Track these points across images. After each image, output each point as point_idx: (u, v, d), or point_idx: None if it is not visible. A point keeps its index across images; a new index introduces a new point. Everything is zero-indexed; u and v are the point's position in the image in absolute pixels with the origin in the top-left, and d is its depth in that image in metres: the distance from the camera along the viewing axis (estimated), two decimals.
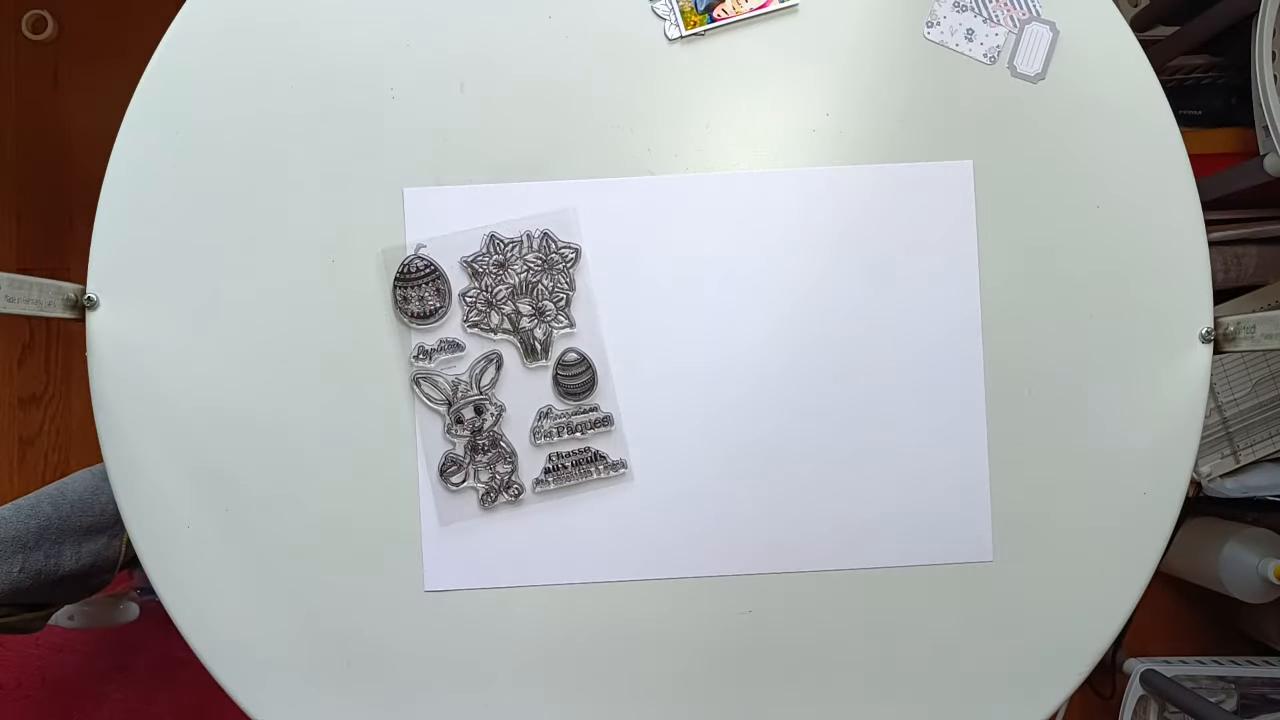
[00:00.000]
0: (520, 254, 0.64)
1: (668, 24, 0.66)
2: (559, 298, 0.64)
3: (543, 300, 0.63)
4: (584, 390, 0.64)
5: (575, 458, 0.64)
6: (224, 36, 0.66)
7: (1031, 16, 0.67)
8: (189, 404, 0.64)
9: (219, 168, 0.65)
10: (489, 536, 0.65)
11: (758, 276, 0.66)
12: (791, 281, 0.66)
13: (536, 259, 0.64)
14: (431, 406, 0.64)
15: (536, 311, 0.63)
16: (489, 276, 0.64)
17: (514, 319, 0.64)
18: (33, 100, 1.41)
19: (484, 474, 0.64)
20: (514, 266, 0.64)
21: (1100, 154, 0.66)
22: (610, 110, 0.66)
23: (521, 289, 0.64)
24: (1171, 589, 1.44)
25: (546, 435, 0.64)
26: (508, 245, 0.64)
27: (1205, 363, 0.66)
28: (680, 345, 0.65)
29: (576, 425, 0.64)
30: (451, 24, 0.66)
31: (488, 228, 0.64)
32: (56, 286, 0.64)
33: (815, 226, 0.66)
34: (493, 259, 0.63)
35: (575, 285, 0.64)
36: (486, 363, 0.64)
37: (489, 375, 0.64)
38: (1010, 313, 0.66)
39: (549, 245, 0.64)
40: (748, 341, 0.65)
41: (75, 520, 0.84)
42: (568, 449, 0.64)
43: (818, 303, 0.66)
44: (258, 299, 0.65)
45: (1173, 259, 0.66)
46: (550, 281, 0.64)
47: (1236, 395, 1.23)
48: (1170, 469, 0.66)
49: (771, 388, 0.65)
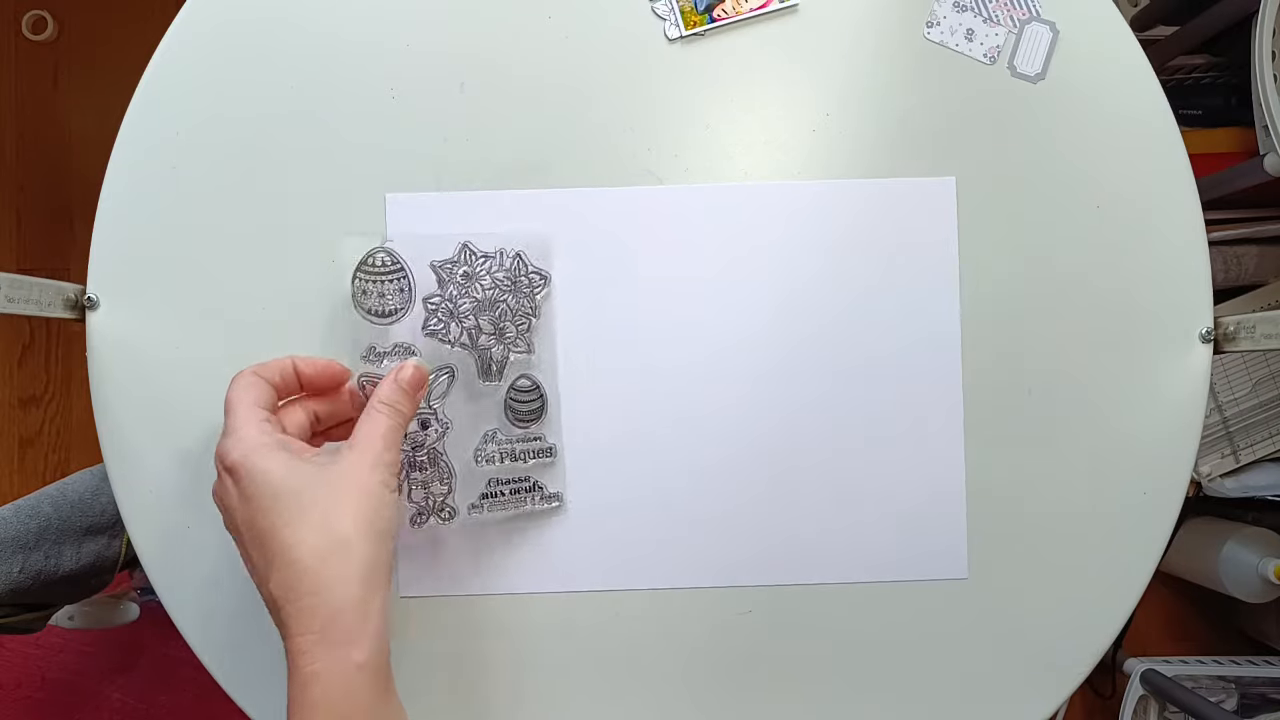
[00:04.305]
0: (489, 270, 0.62)
1: (668, 24, 0.66)
2: (521, 322, 0.62)
3: (504, 320, 0.62)
4: (532, 417, 0.63)
5: (513, 485, 0.63)
6: (224, 37, 0.66)
7: (1031, 16, 0.67)
8: (189, 404, 0.64)
9: (219, 168, 0.65)
10: (459, 545, 0.65)
11: (741, 288, 0.66)
12: (772, 293, 0.66)
13: (505, 278, 0.62)
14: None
15: (497, 330, 0.62)
16: (454, 286, 0.62)
17: (473, 334, 0.61)
18: (33, 100, 1.41)
19: (418, 492, 0.61)
20: (481, 281, 0.62)
21: (1100, 154, 0.66)
22: (610, 110, 0.66)
23: (485, 305, 0.62)
24: (1171, 589, 1.44)
25: (489, 459, 0.62)
26: (479, 259, 0.62)
27: (1205, 362, 0.66)
28: (648, 354, 0.65)
29: (519, 453, 0.63)
30: (451, 24, 0.66)
31: (464, 236, 0.62)
32: (56, 286, 0.64)
33: (796, 239, 0.66)
34: (461, 269, 0.61)
35: (539, 312, 0.63)
36: (441, 375, 0.61)
37: (440, 388, 0.61)
38: (1009, 313, 0.66)
39: (520, 266, 0.63)
40: (720, 353, 0.65)
41: (75, 521, 0.84)
42: (506, 476, 0.63)
43: (799, 316, 0.66)
44: (258, 299, 0.65)
45: (1173, 259, 0.66)
46: (515, 303, 0.62)
47: (1236, 395, 1.24)
48: (1170, 469, 0.66)
49: (747, 400, 0.65)
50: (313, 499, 0.50)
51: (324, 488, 0.50)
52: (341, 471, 0.51)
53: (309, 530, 0.49)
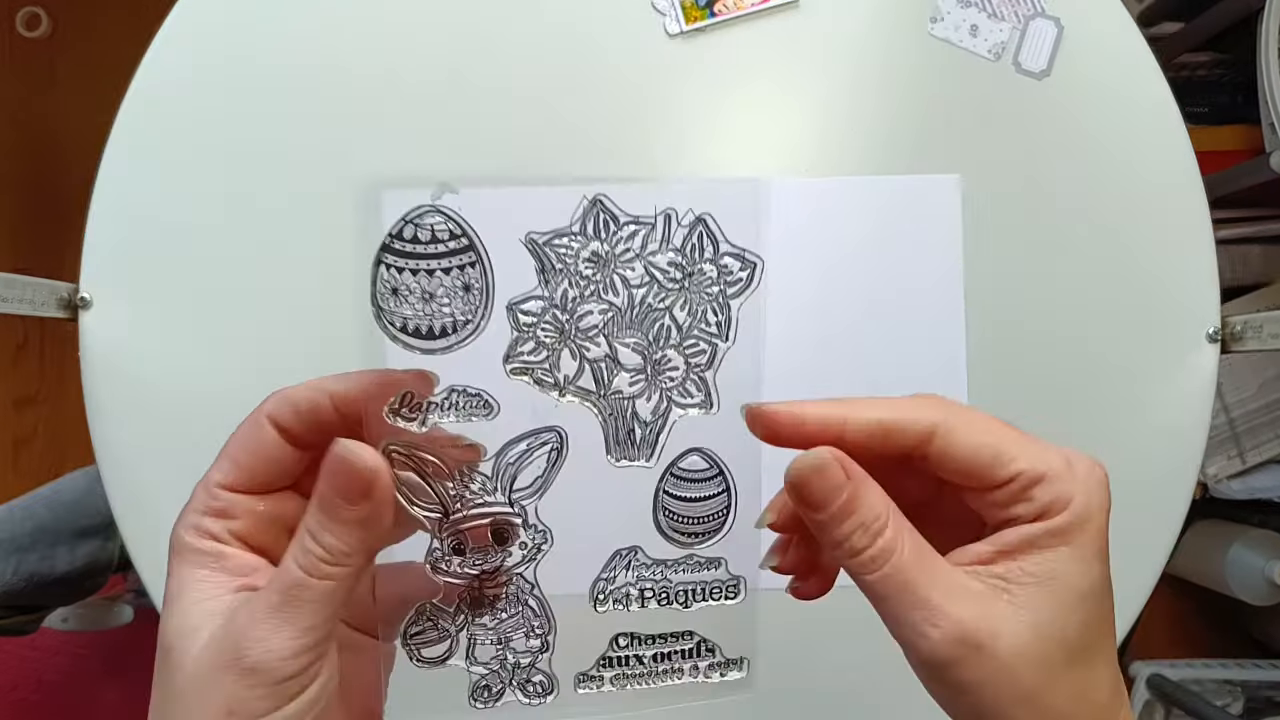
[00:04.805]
0: (645, 249, 0.34)
1: (668, 19, 0.65)
2: (699, 349, 0.34)
3: (665, 345, 0.34)
4: (707, 526, 0.35)
5: (662, 645, 0.36)
6: (219, 34, 0.65)
7: (1036, 12, 0.66)
8: (182, 406, 0.63)
9: (214, 167, 0.64)
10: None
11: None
12: (772, 292, 0.65)
13: (674, 266, 0.34)
14: (416, 511, 0.33)
15: (651, 364, 0.34)
16: (571, 279, 0.33)
17: (604, 370, 0.34)
18: (26, 98, 1.40)
19: (486, 649, 0.35)
20: (625, 270, 0.34)
21: (1105, 151, 0.66)
22: (609, 107, 0.65)
23: (632, 316, 0.34)
24: (1177, 592, 1.43)
25: (620, 599, 0.35)
26: (625, 225, 0.34)
27: (1212, 363, 0.65)
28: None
29: (679, 590, 0.36)
30: (449, 21, 0.65)
31: (598, 188, 0.34)
32: (49, 286, 0.63)
33: (797, 238, 0.65)
34: (587, 247, 0.33)
35: (733, 330, 0.34)
36: (536, 447, 0.34)
37: (533, 470, 0.34)
38: (1013, 312, 0.65)
39: (704, 244, 0.34)
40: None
41: (70, 522, 0.83)
42: (651, 630, 0.36)
43: (800, 315, 0.65)
44: (253, 300, 0.64)
45: (1179, 257, 0.66)
46: (690, 312, 0.34)
47: (1243, 396, 1.23)
48: (1177, 470, 0.65)
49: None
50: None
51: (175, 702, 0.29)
52: (188, 678, 0.29)
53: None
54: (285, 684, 0.28)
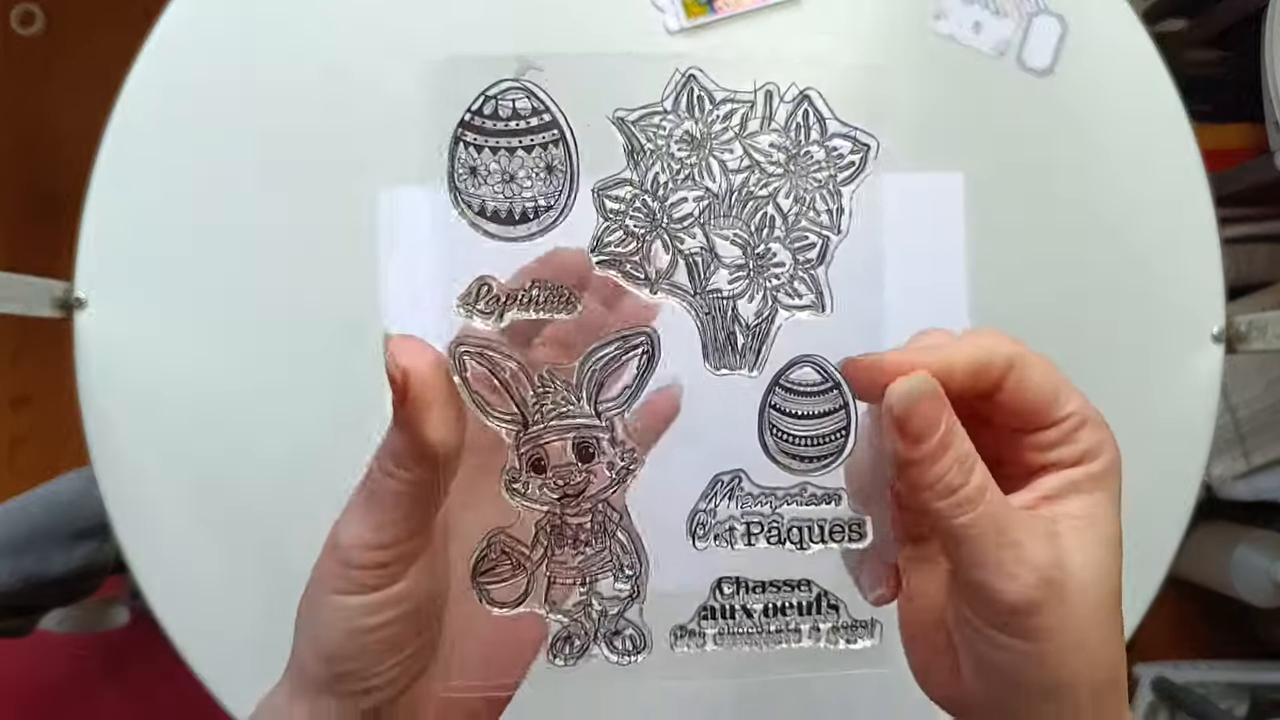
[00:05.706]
0: (745, 129, 0.30)
1: (668, 15, 0.64)
2: (808, 242, 0.31)
3: (772, 237, 0.30)
4: (824, 450, 0.30)
5: (775, 596, 0.30)
6: (215, 32, 0.65)
7: (1039, 9, 0.65)
8: (179, 406, 0.63)
9: (210, 165, 0.64)
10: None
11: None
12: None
13: (779, 147, 0.31)
14: (487, 418, 0.30)
15: (755, 258, 0.30)
16: (664, 160, 0.30)
17: (701, 265, 0.30)
18: (20, 96, 1.40)
19: (563, 591, 0.30)
20: (722, 153, 0.30)
21: (1110, 149, 0.65)
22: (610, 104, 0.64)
23: (732, 201, 0.30)
24: (1182, 594, 1.42)
25: (723, 535, 0.30)
26: (723, 102, 0.31)
27: (1217, 363, 0.65)
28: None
29: (792, 526, 0.30)
30: (446, 17, 0.65)
31: (692, 63, 0.31)
32: (44, 285, 0.63)
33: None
34: (681, 125, 0.30)
35: (846, 222, 0.33)
36: (625, 351, 0.30)
37: (622, 378, 0.30)
38: (1016, 311, 0.64)
39: (811, 124, 0.32)
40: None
41: (66, 524, 0.83)
42: (761, 576, 0.30)
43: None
44: (250, 300, 0.63)
45: (1184, 257, 0.65)
46: (799, 198, 0.31)
47: (1248, 396, 1.22)
48: (1182, 472, 0.65)
49: (752, 402, 0.64)
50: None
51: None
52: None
53: None
54: (361, 572, 0.29)
